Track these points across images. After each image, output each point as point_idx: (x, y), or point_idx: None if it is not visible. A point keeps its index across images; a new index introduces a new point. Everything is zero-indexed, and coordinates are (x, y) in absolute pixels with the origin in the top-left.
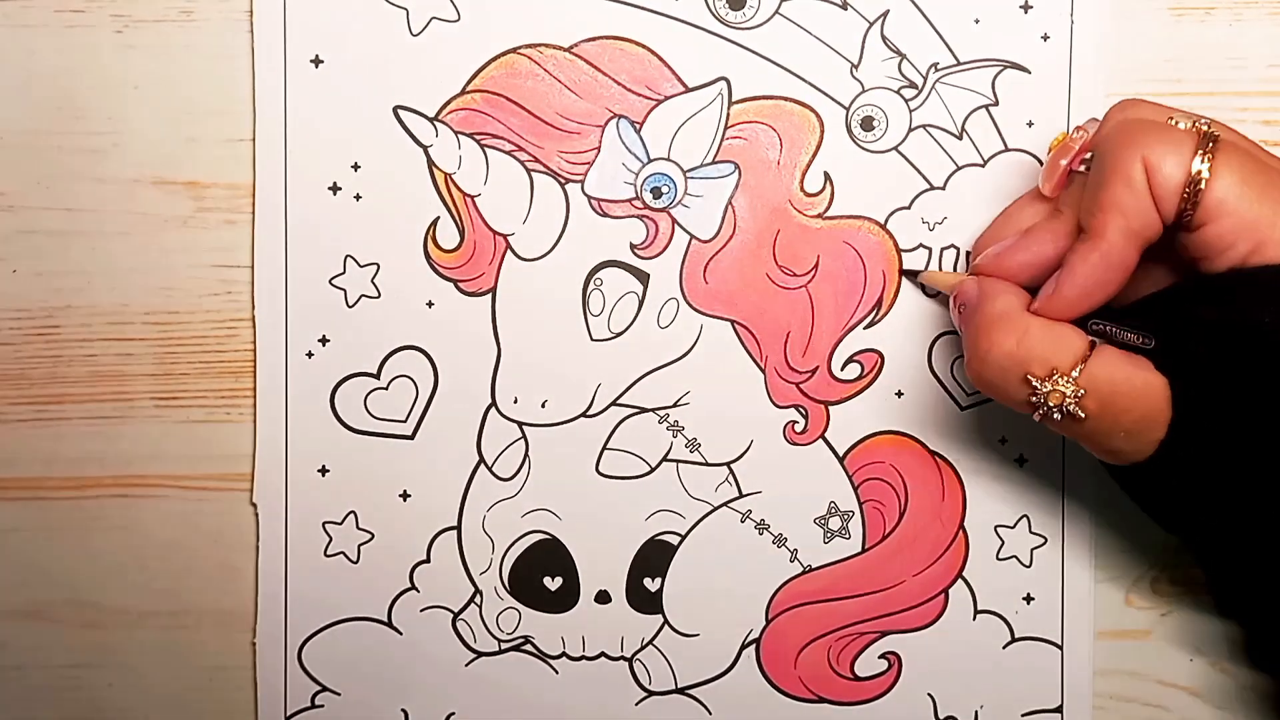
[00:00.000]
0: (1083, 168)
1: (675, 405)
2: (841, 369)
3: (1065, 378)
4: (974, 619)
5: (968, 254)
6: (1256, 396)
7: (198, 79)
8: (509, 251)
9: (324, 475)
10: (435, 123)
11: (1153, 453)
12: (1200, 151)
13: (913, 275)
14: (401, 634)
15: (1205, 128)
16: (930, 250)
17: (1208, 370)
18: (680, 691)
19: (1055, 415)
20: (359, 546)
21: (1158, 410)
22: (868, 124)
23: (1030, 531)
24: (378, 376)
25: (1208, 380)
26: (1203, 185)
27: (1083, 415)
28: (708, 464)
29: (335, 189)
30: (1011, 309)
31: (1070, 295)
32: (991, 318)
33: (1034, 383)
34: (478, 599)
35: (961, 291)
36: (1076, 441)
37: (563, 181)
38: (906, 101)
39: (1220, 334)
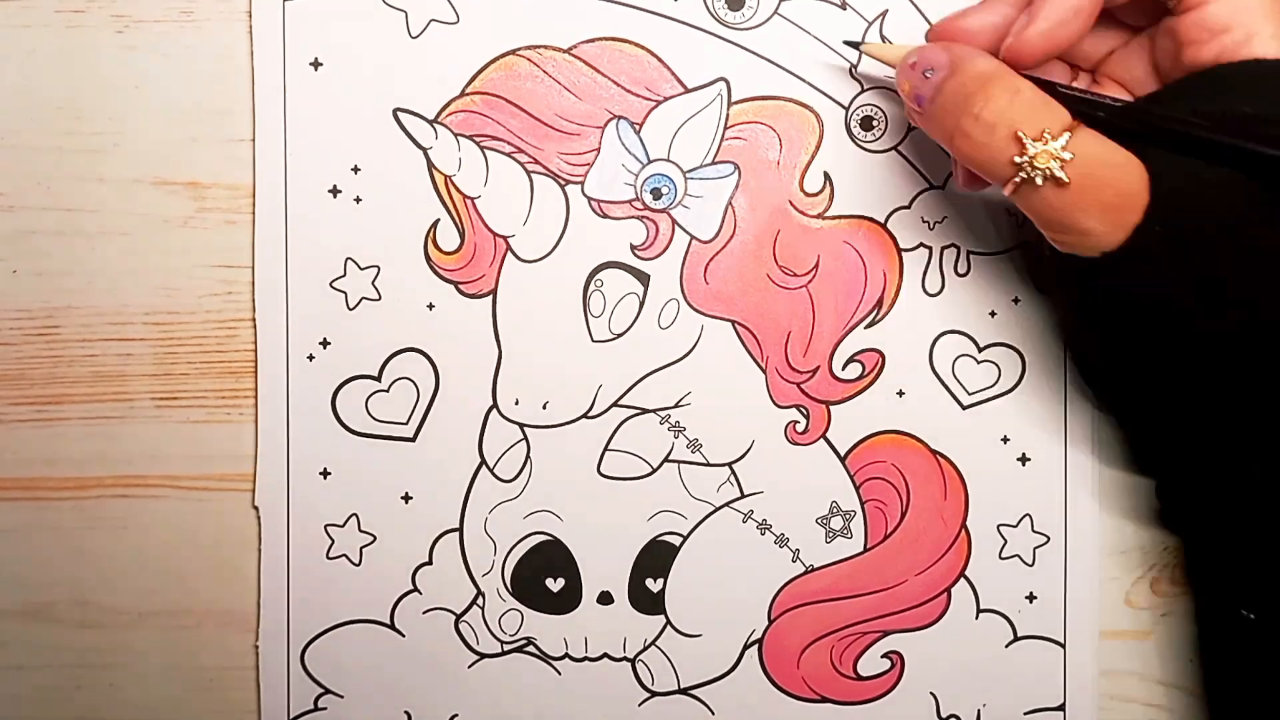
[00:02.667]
0: None
1: (676, 406)
2: (843, 369)
3: (1055, 140)
4: (976, 618)
5: (969, 253)
6: (1235, 185)
7: (198, 79)
8: (509, 253)
9: (325, 478)
10: (435, 125)
11: (1123, 240)
12: None
13: (854, 45)
14: (404, 636)
15: None
16: (931, 249)
17: (1187, 161)
18: (683, 692)
19: (1038, 179)
20: (361, 549)
21: (1137, 190)
22: (867, 124)
23: (1032, 530)
24: (379, 379)
25: (1187, 171)
26: None
27: (1066, 179)
28: (709, 464)
29: (335, 191)
30: (1000, 68)
31: (1044, 25)
32: (981, 75)
33: (1025, 140)
34: (480, 601)
35: (924, 56)
36: (1042, 224)
37: (563, 183)
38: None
39: (1199, 126)
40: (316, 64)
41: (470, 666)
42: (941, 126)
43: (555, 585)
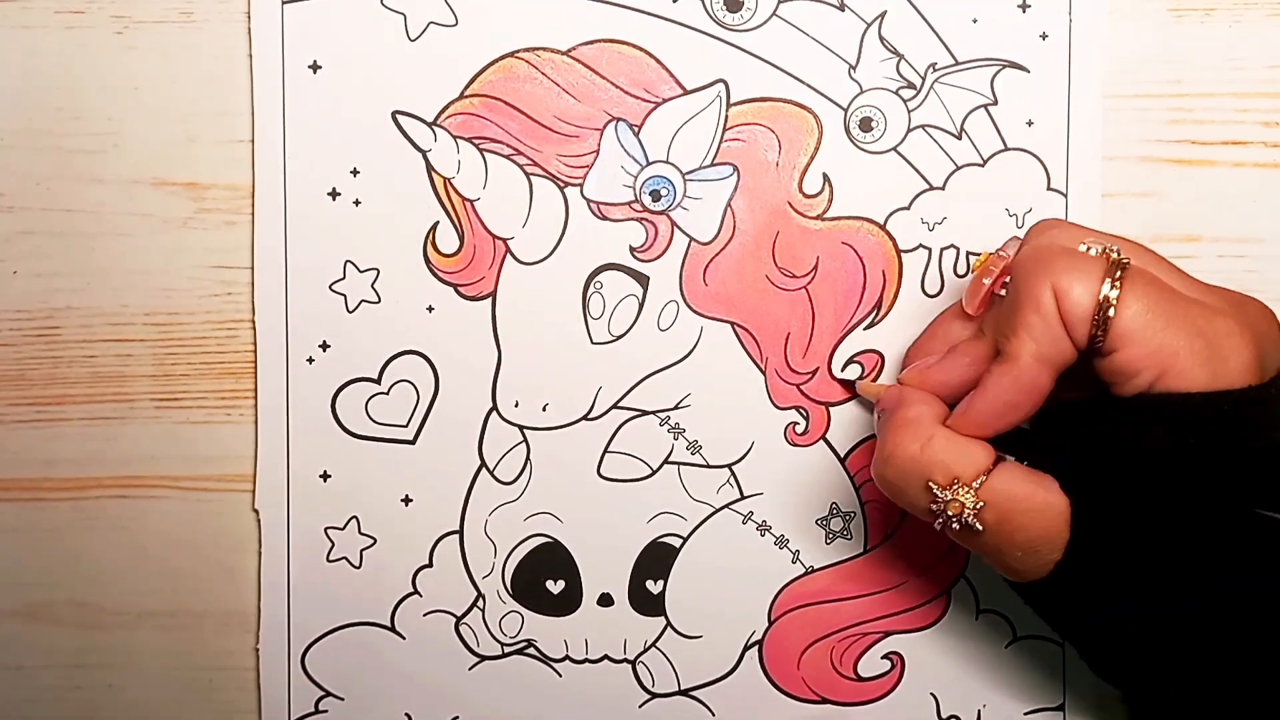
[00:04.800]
0: (1003, 291)
1: (676, 407)
2: (842, 370)
3: (966, 488)
4: (976, 618)
5: (969, 254)
6: (1152, 523)
7: (197, 80)
8: (509, 255)
9: (326, 481)
10: (434, 127)
11: (1047, 573)
12: (1109, 278)
13: (849, 385)
14: (404, 638)
15: (1115, 254)
16: (930, 250)
17: (1105, 492)
18: (683, 693)
19: (954, 524)
20: (361, 551)
21: (1056, 531)
22: (866, 125)
23: None
24: (379, 381)
25: (1106, 505)
26: (1111, 312)
27: (980, 528)
28: (709, 466)
29: (334, 194)
30: (922, 416)
31: (981, 414)
32: (901, 421)
33: (934, 490)
34: (480, 603)
35: (884, 397)
36: (976, 553)
37: (562, 185)
38: (905, 102)
39: (1120, 460)
40: (315, 66)
41: (471, 669)
42: (876, 459)
43: (555, 587)
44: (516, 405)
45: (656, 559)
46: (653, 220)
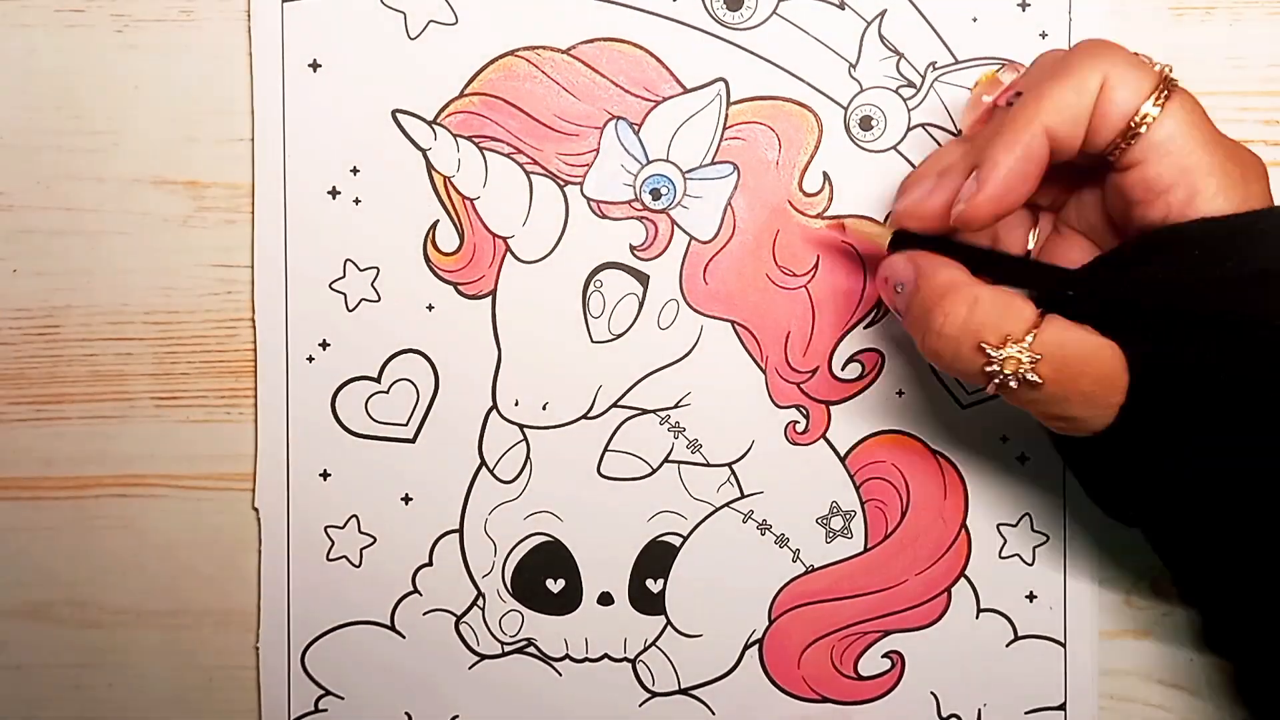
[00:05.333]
0: (1007, 104)
1: (676, 406)
2: (842, 369)
3: (1019, 344)
4: (977, 617)
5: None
6: (1210, 351)
7: (198, 79)
8: (509, 254)
9: (325, 479)
10: (434, 126)
11: (1112, 419)
12: (1158, 91)
13: (837, 225)
14: (404, 637)
15: (1169, 73)
16: None
17: (1152, 330)
18: (683, 692)
19: (1011, 383)
20: (361, 550)
21: (1115, 373)
22: (866, 123)
23: (1032, 529)
24: (378, 380)
25: (1160, 341)
26: (1150, 120)
27: (1039, 380)
28: (709, 465)
29: (334, 193)
30: (958, 279)
31: (992, 190)
32: (939, 289)
33: (989, 351)
34: (480, 602)
35: (894, 271)
36: (1034, 414)
37: (562, 184)
38: (905, 100)
39: (1157, 294)
40: (315, 65)
41: (471, 667)
42: (916, 339)
43: (555, 586)
44: (516, 404)
45: (656, 558)
46: (653, 219)
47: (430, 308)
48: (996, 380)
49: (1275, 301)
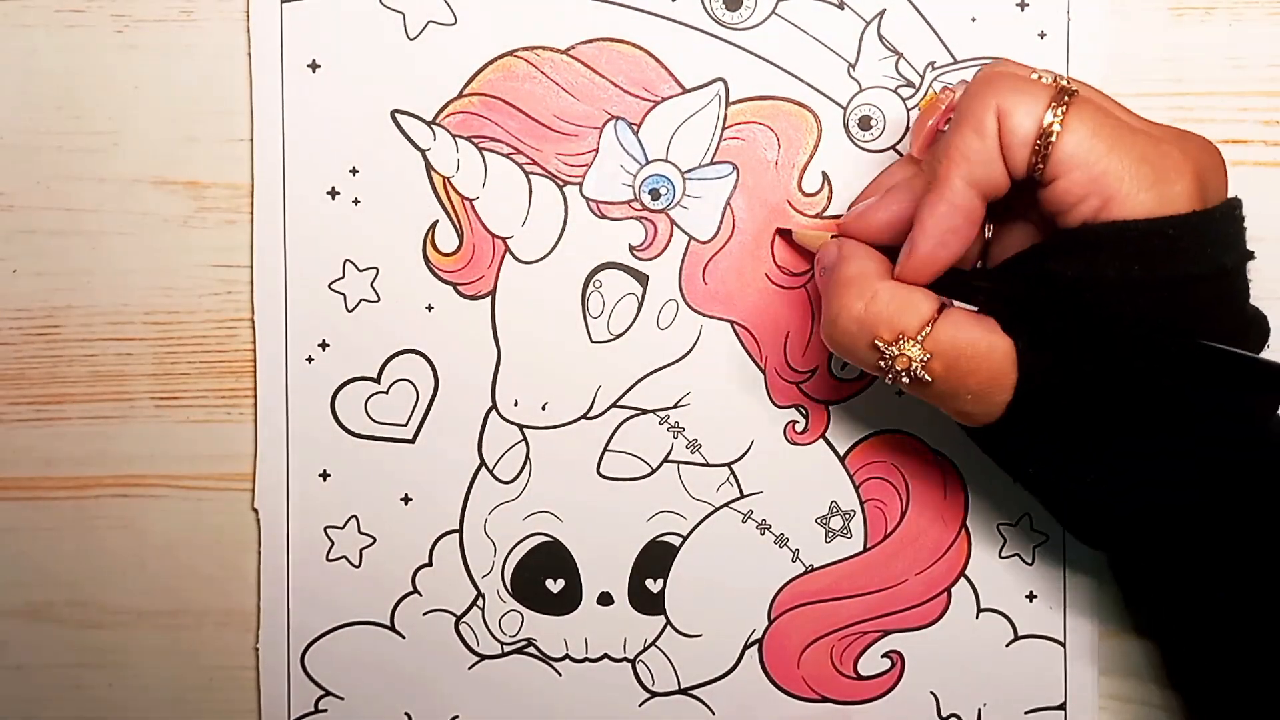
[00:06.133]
0: (946, 127)
1: (676, 406)
2: (841, 369)
3: (912, 341)
4: (977, 617)
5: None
6: (1097, 354)
7: (198, 79)
8: (508, 254)
9: (325, 480)
10: (433, 126)
11: (998, 416)
12: (1054, 105)
13: (786, 233)
14: (404, 638)
15: (1064, 83)
16: None
17: (1049, 329)
18: (683, 692)
19: (904, 379)
20: (361, 551)
21: (1003, 372)
22: (865, 123)
23: (1032, 529)
24: (378, 380)
25: (1049, 340)
26: (1054, 138)
27: (929, 379)
28: (709, 465)
29: (334, 193)
30: (865, 271)
31: (924, 249)
32: (844, 280)
33: (881, 347)
34: (480, 602)
35: (823, 253)
36: (929, 403)
37: (561, 184)
38: (904, 100)
39: (1061, 291)
40: (314, 66)
41: (471, 668)
42: (824, 321)
43: (555, 586)
44: (516, 404)
45: (656, 558)
46: (652, 219)
47: (430, 308)
48: (890, 376)
49: (1170, 308)
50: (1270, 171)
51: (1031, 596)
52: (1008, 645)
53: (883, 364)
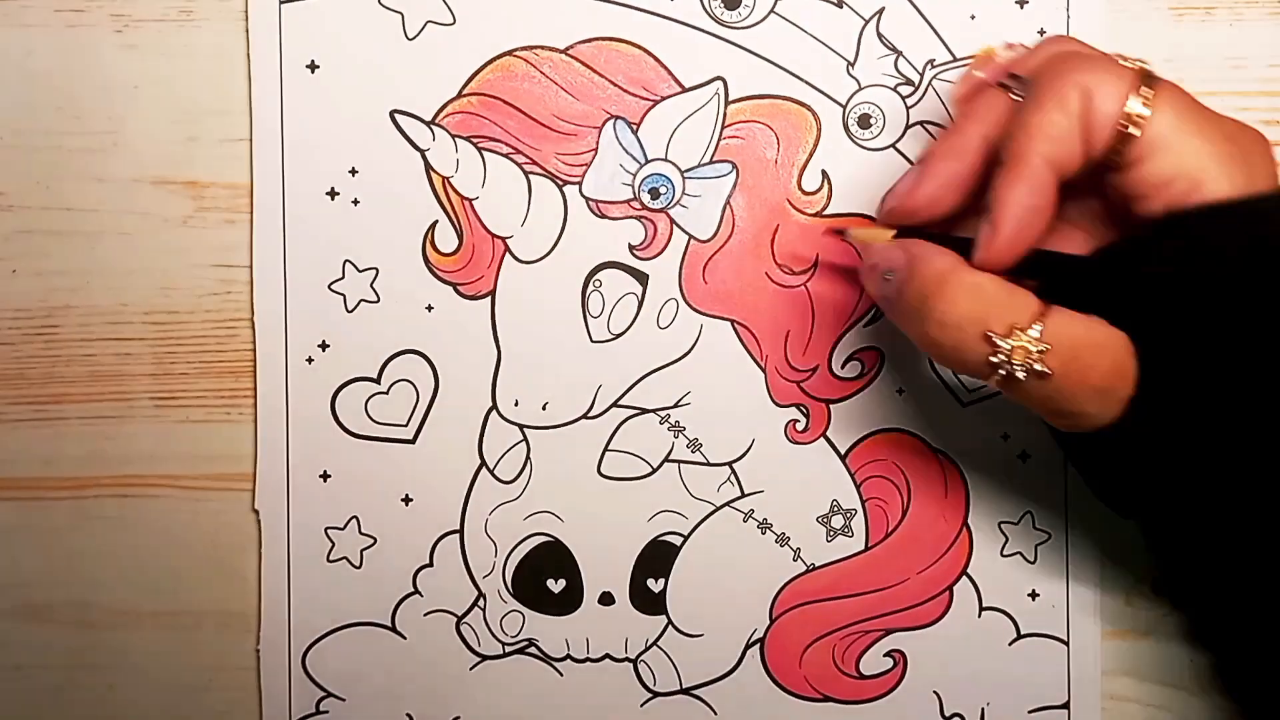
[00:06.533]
0: (1015, 96)
1: (676, 406)
2: (842, 367)
3: (1026, 333)
4: (979, 616)
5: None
6: (1222, 341)
7: (197, 79)
8: (508, 254)
9: (325, 481)
10: (432, 126)
11: (1120, 413)
12: (1142, 85)
13: (840, 233)
14: (405, 638)
15: (1146, 66)
16: None
17: (1163, 319)
18: (685, 692)
19: (1019, 373)
20: (361, 551)
21: (1123, 364)
22: (865, 122)
23: (1034, 527)
24: (378, 381)
25: (1172, 330)
26: (1139, 119)
27: (1048, 371)
28: (709, 464)
29: (333, 194)
30: (953, 266)
31: (1008, 230)
32: (938, 277)
33: (996, 340)
34: (481, 602)
35: (884, 258)
36: (1037, 410)
37: (560, 183)
38: (903, 98)
39: (1178, 281)
40: (313, 66)
41: (472, 668)
42: (911, 329)
43: (556, 586)
44: (516, 404)
45: (657, 557)
46: (652, 218)
47: (430, 308)
48: (1003, 371)
49: None
50: None
51: (1034, 595)
52: (1010, 644)
53: (996, 358)
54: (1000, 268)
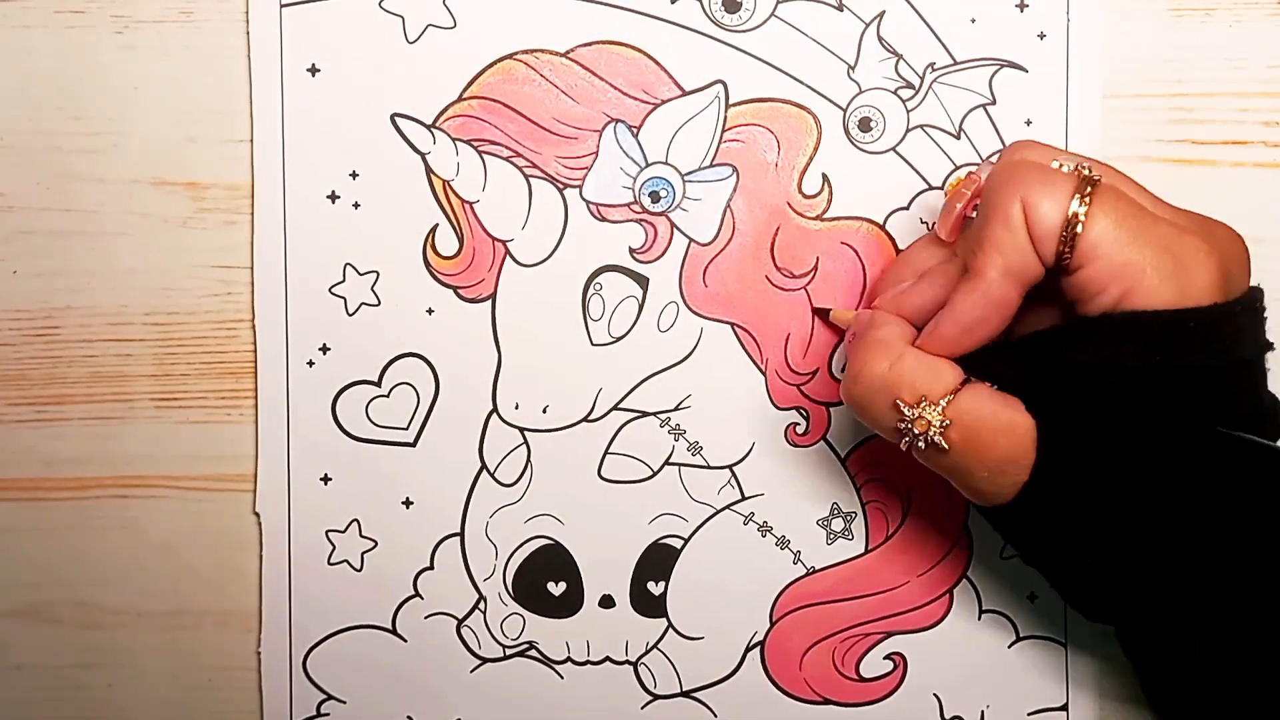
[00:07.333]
0: (974, 214)
1: (676, 409)
2: (842, 370)
3: (933, 406)
4: (979, 619)
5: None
6: (1118, 441)
7: (197, 79)
8: (508, 257)
9: (326, 484)
10: (433, 130)
11: (1012, 498)
12: (1079, 195)
13: (824, 314)
14: (406, 641)
15: (1087, 171)
16: None
17: (1071, 413)
18: (685, 695)
19: (920, 443)
20: (362, 554)
21: (1022, 451)
22: (865, 125)
23: None
24: (379, 384)
25: (1071, 423)
26: (1079, 229)
27: (946, 447)
28: (710, 467)
29: (334, 197)
30: (892, 336)
31: (949, 331)
32: (872, 341)
33: (902, 408)
34: (482, 605)
35: (856, 320)
36: (942, 475)
37: (561, 187)
38: (904, 102)
39: (1083, 377)
40: (314, 70)
41: (472, 671)
42: (842, 388)
43: (557, 589)
44: (517, 407)
45: (658, 560)
46: (652, 221)
47: (430, 311)
48: (906, 439)
49: (1188, 397)
50: (1270, 172)
51: (1033, 597)
52: (1010, 646)
53: (901, 425)
54: (943, 355)
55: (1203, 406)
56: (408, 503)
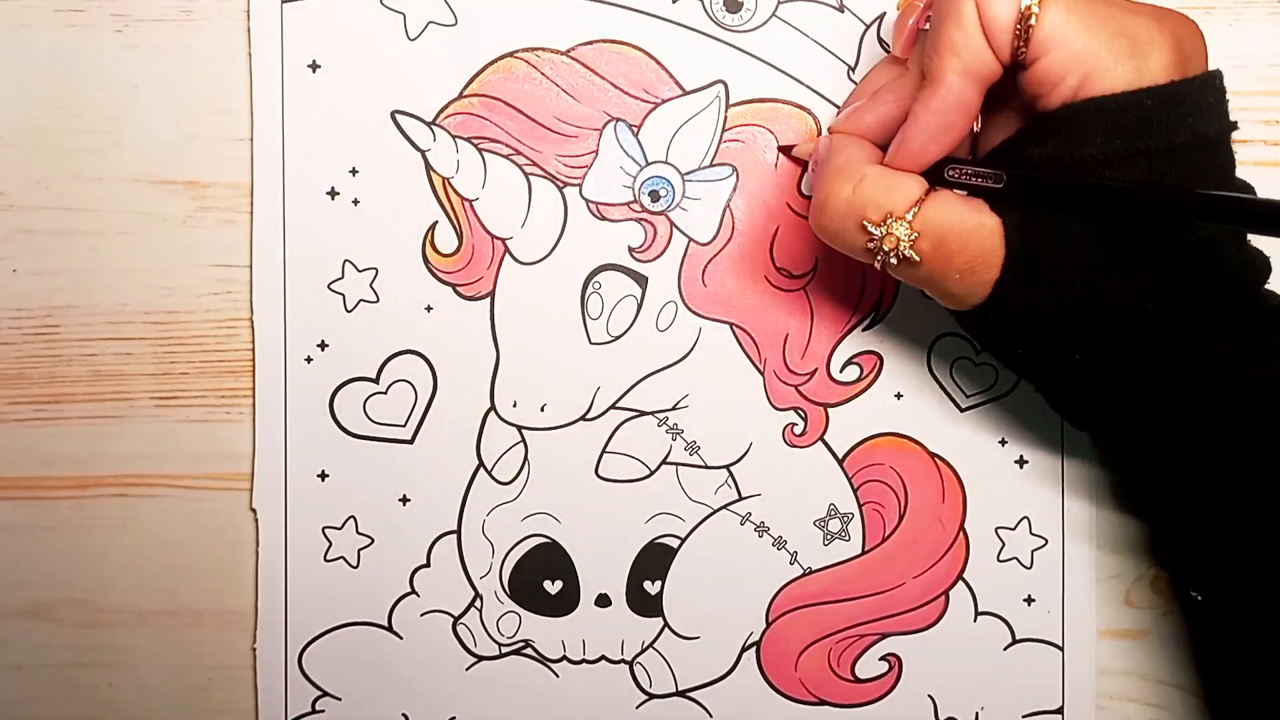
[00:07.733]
0: (927, 25)
1: (674, 408)
2: (840, 371)
3: (900, 221)
4: (975, 620)
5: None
6: (1084, 230)
7: (197, 79)
8: (507, 255)
9: (323, 480)
10: (433, 127)
11: (985, 296)
12: None
13: (788, 150)
14: (402, 638)
15: None
16: None
17: (1037, 207)
18: (681, 694)
19: (892, 259)
20: (359, 551)
21: (991, 250)
22: None
23: (1030, 533)
24: (377, 381)
25: (1037, 217)
26: (1033, 20)
27: (916, 258)
28: (707, 467)
29: (333, 194)
30: (853, 159)
31: (915, 142)
32: (833, 168)
33: (870, 228)
34: (478, 603)
35: (816, 148)
36: (919, 287)
37: (560, 185)
38: None
39: (1048, 170)
40: (315, 66)
41: (468, 669)
42: (811, 219)
43: (553, 587)
44: (515, 405)
45: (654, 559)
46: (651, 221)
47: (429, 309)
48: (879, 258)
49: (1155, 179)
50: (1270, 171)
51: (1029, 600)
52: (1005, 648)
53: (871, 245)
54: (910, 170)
55: (1171, 195)
56: (405, 500)
